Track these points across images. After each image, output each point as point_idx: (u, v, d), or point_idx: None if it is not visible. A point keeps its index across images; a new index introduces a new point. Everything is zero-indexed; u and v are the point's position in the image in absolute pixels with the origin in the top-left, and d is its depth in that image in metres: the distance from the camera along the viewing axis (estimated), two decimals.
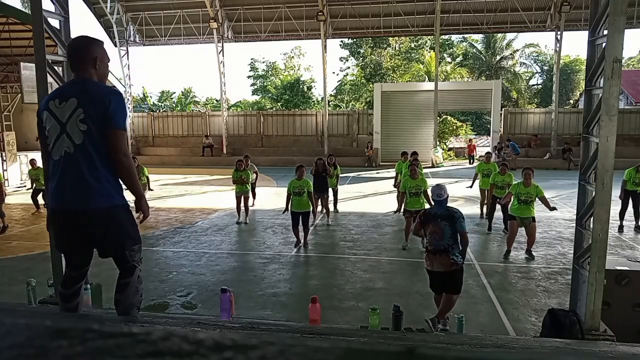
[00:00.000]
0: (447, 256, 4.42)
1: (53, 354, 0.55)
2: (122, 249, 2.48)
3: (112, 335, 0.59)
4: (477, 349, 0.68)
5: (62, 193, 2.39)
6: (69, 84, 2.60)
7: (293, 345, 0.58)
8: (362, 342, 0.64)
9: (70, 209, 2.38)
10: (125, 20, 23.14)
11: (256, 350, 0.55)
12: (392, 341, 0.62)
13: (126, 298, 2.52)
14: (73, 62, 2.53)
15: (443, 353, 0.60)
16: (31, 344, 0.58)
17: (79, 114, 2.33)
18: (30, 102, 12.38)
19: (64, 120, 2.36)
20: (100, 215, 2.38)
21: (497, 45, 33.93)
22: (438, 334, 3.79)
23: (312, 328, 3.22)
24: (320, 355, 0.57)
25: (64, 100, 2.38)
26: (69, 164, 2.35)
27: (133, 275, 2.52)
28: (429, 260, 4.55)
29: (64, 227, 2.44)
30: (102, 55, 2.55)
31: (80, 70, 2.49)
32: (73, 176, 2.35)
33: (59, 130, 2.37)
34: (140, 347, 0.56)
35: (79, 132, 2.33)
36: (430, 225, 4.56)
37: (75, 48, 2.55)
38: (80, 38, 2.59)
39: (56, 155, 2.38)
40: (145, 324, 0.67)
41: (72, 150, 2.34)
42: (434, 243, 4.50)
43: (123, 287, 2.52)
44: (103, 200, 2.37)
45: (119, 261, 2.53)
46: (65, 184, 2.37)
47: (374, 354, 0.59)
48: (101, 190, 2.36)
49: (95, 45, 2.56)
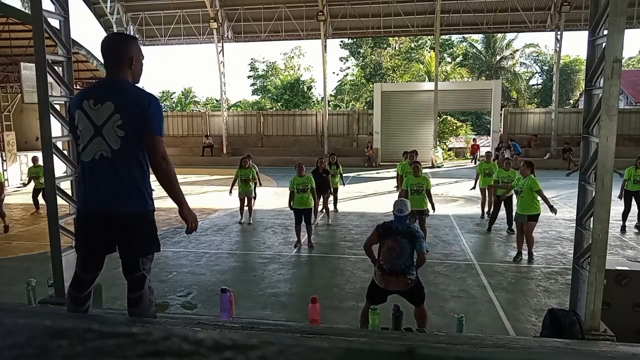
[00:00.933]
0: (405, 277, 4.13)
1: (53, 354, 0.55)
2: (139, 254, 2.45)
3: (112, 335, 0.59)
4: (477, 349, 0.68)
5: (95, 195, 2.40)
6: (104, 84, 2.52)
7: (293, 345, 0.58)
8: (362, 342, 0.64)
9: (105, 210, 2.38)
10: (125, 20, 23.12)
11: (256, 350, 0.55)
12: (392, 341, 0.62)
13: (141, 312, 2.47)
14: (109, 61, 2.47)
15: (443, 353, 0.60)
16: (31, 344, 0.58)
17: (116, 119, 2.32)
18: (30, 102, 12.39)
19: (99, 124, 2.34)
20: (131, 219, 2.39)
21: (497, 45, 33.95)
22: (438, 334, 3.79)
23: (312, 328, 3.22)
24: (320, 355, 0.57)
25: (100, 103, 2.35)
26: (104, 167, 2.35)
27: (144, 288, 2.47)
28: (383, 281, 4.20)
29: (93, 228, 2.44)
30: (137, 54, 2.50)
31: (116, 70, 2.44)
32: (108, 179, 2.36)
33: (93, 133, 2.35)
34: (140, 347, 0.56)
35: (117, 137, 2.32)
36: (389, 240, 4.22)
37: (111, 47, 2.49)
38: (116, 35, 2.54)
39: (88, 157, 2.38)
40: (145, 324, 0.67)
41: (109, 155, 2.34)
42: (391, 261, 4.15)
43: (136, 301, 2.46)
44: (136, 205, 2.39)
45: (131, 268, 2.45)
46: (100, 187, 2.38)
47: (374, 354, 0.59)
48: (134, 194, 2.38)
49: (132, 44, 2.51)
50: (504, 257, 7.37)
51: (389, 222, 4.38)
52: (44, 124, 3.81)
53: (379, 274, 4.25)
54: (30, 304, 3.89)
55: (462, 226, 9.46)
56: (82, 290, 2.55)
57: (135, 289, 2.45)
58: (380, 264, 4.25)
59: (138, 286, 2.45)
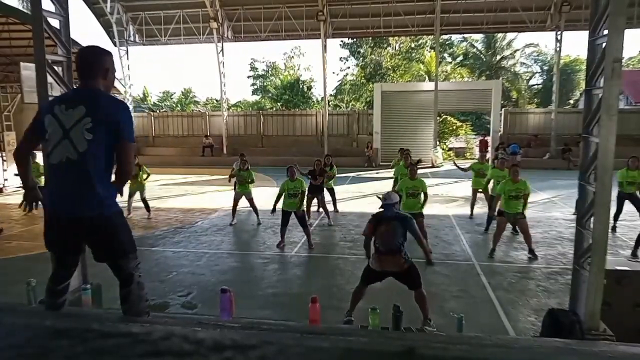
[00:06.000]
0: (400, 256, 4.49)
1: (53, 354, 0.55)
2: (115, 257, 2.54)
3: (112, 335, 0.59)
4: (477, 349, 0.68)
5: (61, 197, 2.44)
6: (77, 91, 2.63)
7: (293, 345, 0.58)
8: (362, 342, 0.64)
9: (69, 213, 2.43)
10: (125, 20, 23.12)
11: (256, 350, 0.55)
12: (392, 341, 0.62)
13: (132, 307, 2.57)
14: (84, 71, 2.54)
15: (443, 353, 0.60)
16: (31, 344, 0.58)
17: (86, 122, 2.37)
18: (30, 102, 12.36)
19: (67, 127, 2.38)
20: (98, 221, 2.44)
21: (497, 45, 33.93)
22: (438, 334, 3.79)
23: (312, 328, 3.22)
24: (320, 355, 0.57)
25: (71, 107, 2.40)
26: (70, 170, 2.39)
27: (132, 284, 2.57)
28: (379, 262, 4.56)
29: (60, 229, 2.49)
30: (112, 67, 2.61)
31: (90, 79, 2.52)
32: (73, 182, 2.40)
33: (61, 136, 2.39)
34: (140, 347, 0.56)
35: (84, 140, 2.36)
36: (382, 225, 4.60)
37: (88, 58, 2.57)
38: (92, 48, 2.63)
39: (55, 159, 2.42)
40: (145, 324, 0.67)
41: (75, 157, 2.37)
42: (385, 243, 4.53)
43: (125, 297, 2.58)
44: (102, 207, 2.43)
45: (114, 270, 2.58)
46: (65, 189, 2.42)
47: (374, 354, 0.59)
48: (100, 197, 2.42)
49: (108, 56, 2.61)
50: (504, 257, 7.37)
51: (380, 213, 4.76)
52: None
53: (375, 256, 4.62)
54: (30, 304, 3.89)
55: (462, 226, 9.46)
56: (59, 283, 2.65)
57: (123, 285, 2.58)
58: (376, 246, 4.62)
59: (126, 283, 2.57)
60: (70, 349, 0.56)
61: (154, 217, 10.35)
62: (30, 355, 0.55)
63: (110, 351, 0.56)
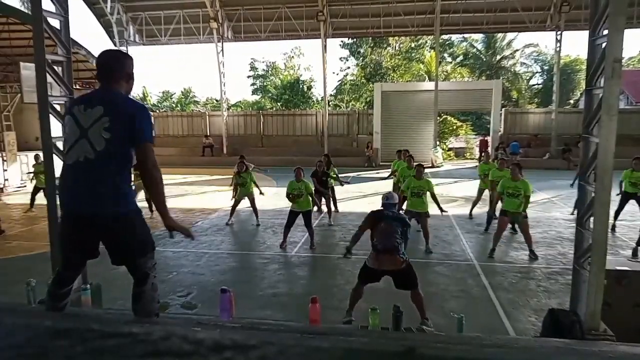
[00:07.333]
0: (397, 254, 4.51)
1: (53, 354, 0.55)
2: (133, 256, 2.51)
3: (112, 335, 0.59)
4: (477, 349, 0.68)
5: (79, 196, 2.42)
6: (97, 92, 2.61)
7: (293, 345, 0.58)
8: (362, 342, 0.64)
9: (87, 212, 2.41)
10: (125, 20, 23.11)
11: (256, 350, 0.55)
12: (392, 341, 0.61)
13: (143, 307, 2.54)
14: (106, 73, 2.56)
15: (443, 353, 0.60)
16: (31, 344, 0.57)
17: (105, 122, 2.37)
18: (30, 102, 12.37)
19: (85, 126, 2.39)
20: (116, 219, 2.42)
21: (497, 45, 33.92)
22: (438, 334, 3.79)
23: (312, 328, 3.22)
24: (320, 355, 0.56)
25: (90, 107, 2.42)
26: (87, 169, 2.39)
27: (147, 284, 2.54)
28: (377, 261, 4.57)
29: (76, 229, 2.47)
30: (132, 71, 2.64)
31: (112, 82, 2.54)
32: (91, 181, 2.39)
33: (79, 135, 2.40)
34: (140, 347, 0.56)
35: (102, 139, 2.37)
36: (382, 223, 4.64)
37: (111, 61, 2.60)
38: (116, 51, 2.68)
39: (71, 159, 2.42)
40: (145, 324, 0.67)
41: (92, 156, 2.37)
42: (383, 242, 4.54)
43: (138, 296, 2.55)
44: (119, 206, 2.42)
45: (130, 269, 2.55)
46: (83, 188, 2.41)
47: (374, 354, 0.59)
48: (117, 196, 2.41)
49: (130, 60, 2.64)
50: (504, 257, 7.37)
51: (380, 210, 4.85)
52: (44, 124, 3.81)
53: (373, 254, 4.61)
54: (30, 304, 3.90)
55: (462, 226, 9.46)
56: (63, 287, 2.64)
57: (138, 284, 2.55)
58: (374, 244, 4.62)
59: (140, 283, 2.54)
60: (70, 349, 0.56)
61: (155, 217, 10.33)
62: (30, 355, 0.55)
63: (110, 351, 0.56)
